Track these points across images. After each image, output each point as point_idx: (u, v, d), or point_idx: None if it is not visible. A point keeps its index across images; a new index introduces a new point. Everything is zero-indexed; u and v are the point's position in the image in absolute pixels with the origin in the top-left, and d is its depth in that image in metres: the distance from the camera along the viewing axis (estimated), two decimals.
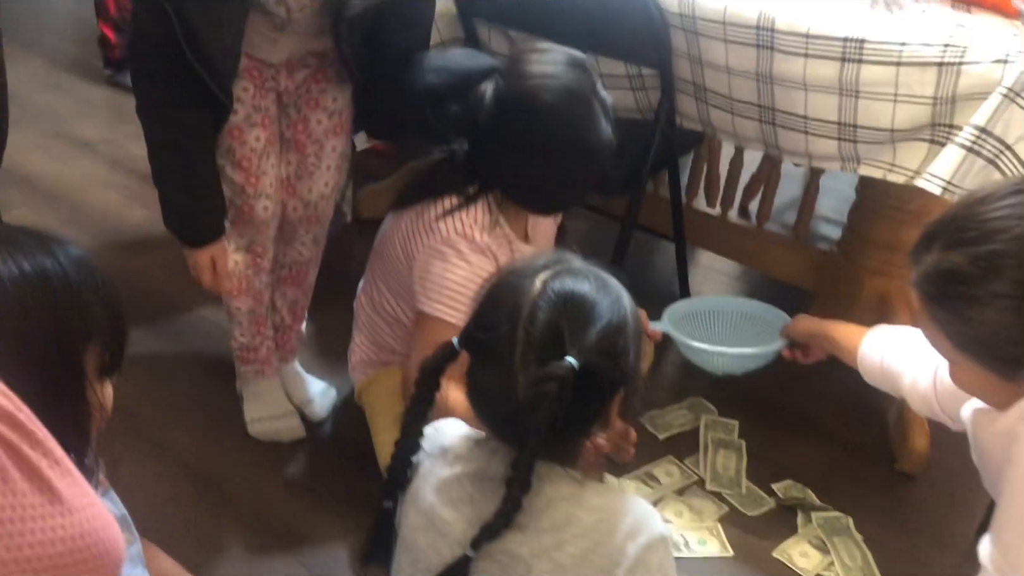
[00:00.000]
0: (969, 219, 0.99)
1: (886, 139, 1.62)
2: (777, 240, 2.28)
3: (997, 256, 0.96)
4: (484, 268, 1.50)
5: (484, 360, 1.01)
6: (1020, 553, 0.99)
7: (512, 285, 1.01)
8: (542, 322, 0.96)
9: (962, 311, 1.00)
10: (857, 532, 1.72)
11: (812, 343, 1.59)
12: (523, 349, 0.96)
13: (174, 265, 2.20)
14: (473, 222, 1.51)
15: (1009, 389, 1.02)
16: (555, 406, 0.93)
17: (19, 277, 0.89)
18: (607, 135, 1.47)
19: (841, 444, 1.93)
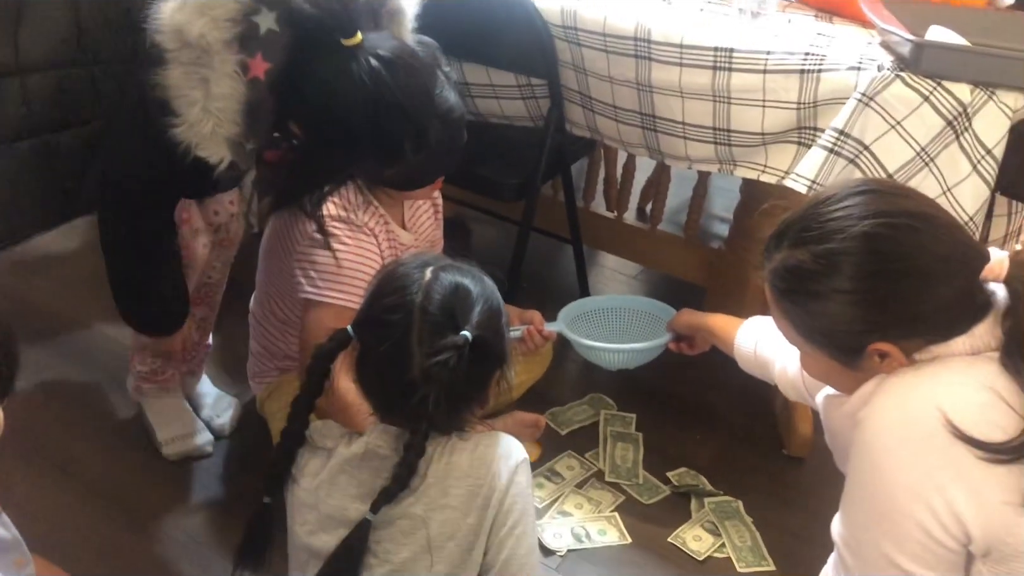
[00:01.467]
0: (813, 219, 1.06)
1: (758, 142, 1.72)
2: (670, 240, 2.38)
3: (835, 254, 1.03)
4: (364, 247, 1.56)
5: (379, 342, 1.11)
6: (862, 531, 1.07)
7: (403, 275, 1.14)
8: (436, 303, 1.11)
9: (806, 304, 1.08)
10: (747, 515, 1.81)
11: (695, 335, 1.67)
12: (420, 327, 1.10)
13: (72, 283, 2.19)
14: (347, 203, 1.56)
15: (851, 375, 1.10)
16: (452, 375, 1.07)
17: None
18: (454, 101, 1.53)
19: (732, 432, 2.03)
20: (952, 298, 1.04)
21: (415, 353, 1.09)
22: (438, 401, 1.08)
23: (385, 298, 1.14)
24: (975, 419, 0.99)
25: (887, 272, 1.03)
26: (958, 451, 0.98)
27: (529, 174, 2.02)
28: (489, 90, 2.02)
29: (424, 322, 1.10)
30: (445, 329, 1.10)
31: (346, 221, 1.54)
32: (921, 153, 1.54)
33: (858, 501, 1.08)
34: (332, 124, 1.30)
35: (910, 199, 1.08)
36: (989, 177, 1.55)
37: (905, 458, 1.01)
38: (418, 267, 1.15)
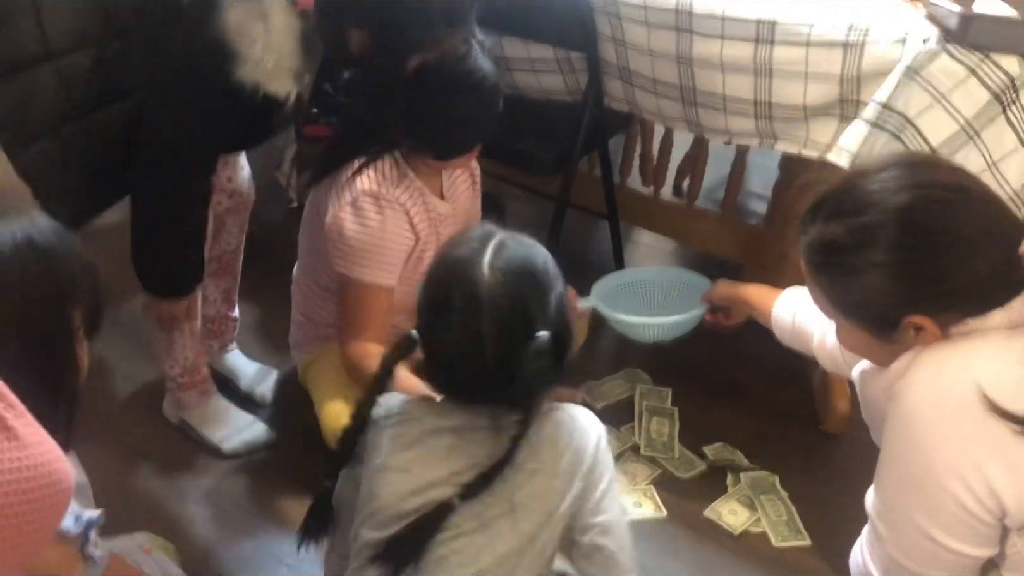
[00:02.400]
0: (848, 192, 1.06)
1: (799, 116, 1.70)
2: (707, 216, 2.37)
3: (870, 227, 1.03)
4: (395, 222, 1.57)
5: (447, 347, 1.09)
6: (896, 503, 1.08)
7: (460, 277, 1.07)
8: (507, 307, 1.05)
9: (841, 278, 1.07)
10: (783, 489, 1.82)
11: (732, 307, 1.67)
12: (494, 334, 1.05)
13: (116, 255, 2.22)
14: (381, 177, 1.57)
15: (887, 349, 1.10)
16: (534, 375, 1.05)
17: (11, 246, 0.95)
18: (488, 68, 1.53)
19: (768, 407, 2.02)
20: (989, 271, 1.03)
21: (489, 354, 1.06)
22: (536, 400, 1.08)
23: (449, 294, 1.08)
24: (1012, 393, 0.98)
25: (922, 245, 1.02)
26: (994, 425, 0.98)
27: (566, 149, 2.02)
28: (527, 64, 2.02)
29: (495, 318, 1.05)
30: (517, 323, 1.06)
31: (376, 195, 1.56)
32: (966, 127, 1.52)
33: (893, 473, 1.08)
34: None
35: (946, 171, 1.08)
36: None
37: (941, 431, 1.01)
38: (474, 262, 1.08)
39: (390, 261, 1.60)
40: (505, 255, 1.08)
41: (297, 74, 1.35)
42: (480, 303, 1.05)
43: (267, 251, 2.23)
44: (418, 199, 1.64)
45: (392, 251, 1.60)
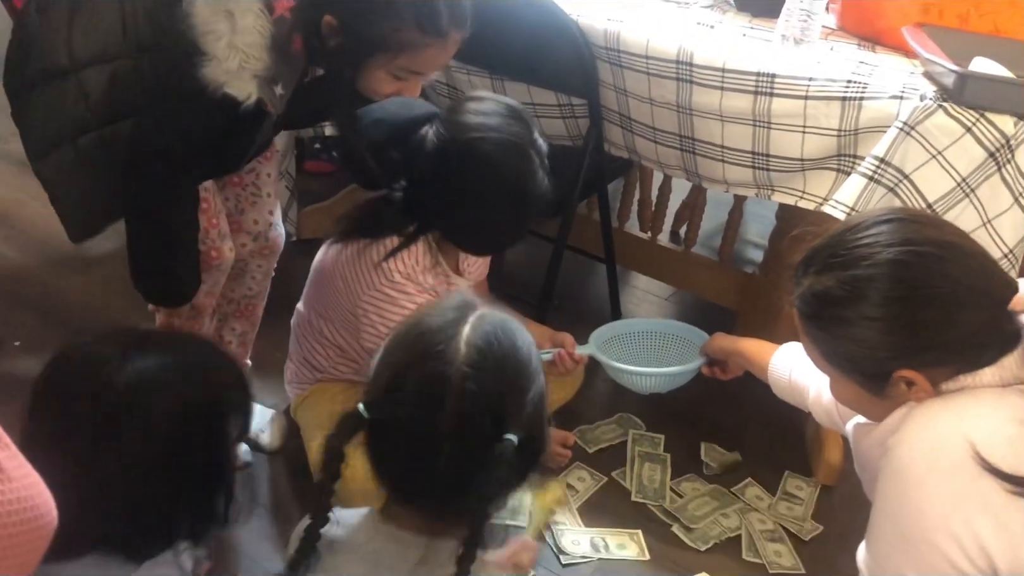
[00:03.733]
0: (840, 245, 1.08)
1: (796, 168, 1.72)
2: (703, 263, 2.38)
3: (861, 280, 1.04)
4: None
5: (400, 430, 0.93)
6: (887, 559, 1.07)
7: (429, 345, 0.92)
8: (476, 397, 0.90)
9: (832, 330, 1.09)
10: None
11: (729, 360, 1.67)
12: (455, 428, 0.90)
13: (113, 283, 2.23)
14: (415, 263, 1.57)
15: (879, 403, 1.10)
16: (498, 487, 0.90)
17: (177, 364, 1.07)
18: (543, 183, 1.54)
19: (761, 457, 2.01)
20: (979, 327, 1.04)
21: (445, 451, 0.90)
22: (485, 517, 0.92)
23: (404, 378, 0.93)
24: (1004, 452, 0.98)
25: (912, 299, 1.03)
26: (986, 483, 0.98)
27: (566, 192, 2.03)
28: (529, 108, 2.03)
29: (459, 417, 0.90)
30: (486, 418, 0.90)
31: (413, 280, 1.56)
32: (962, 184, 1.54)
33: (884, 529, 1.08)
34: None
35: (937, 228, 1.09)
36: None
37: (933, 488, 1.01)
38: (448, 333, 0.92)
39: None
40: (485, 333, 0.93)
41: (264, 79, 1.33)
42: (448, 384, 0.90)
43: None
44: (443, 281, 1.64)
45: None
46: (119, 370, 1.03)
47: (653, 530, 1.80)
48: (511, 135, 1.52)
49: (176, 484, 1.04)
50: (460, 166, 1.51)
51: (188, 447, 1.05)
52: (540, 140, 1.56)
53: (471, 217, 1.56)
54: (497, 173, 1.50)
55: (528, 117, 1.57)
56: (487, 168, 1.50)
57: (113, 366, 1.03)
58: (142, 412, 1.02)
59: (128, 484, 1.01)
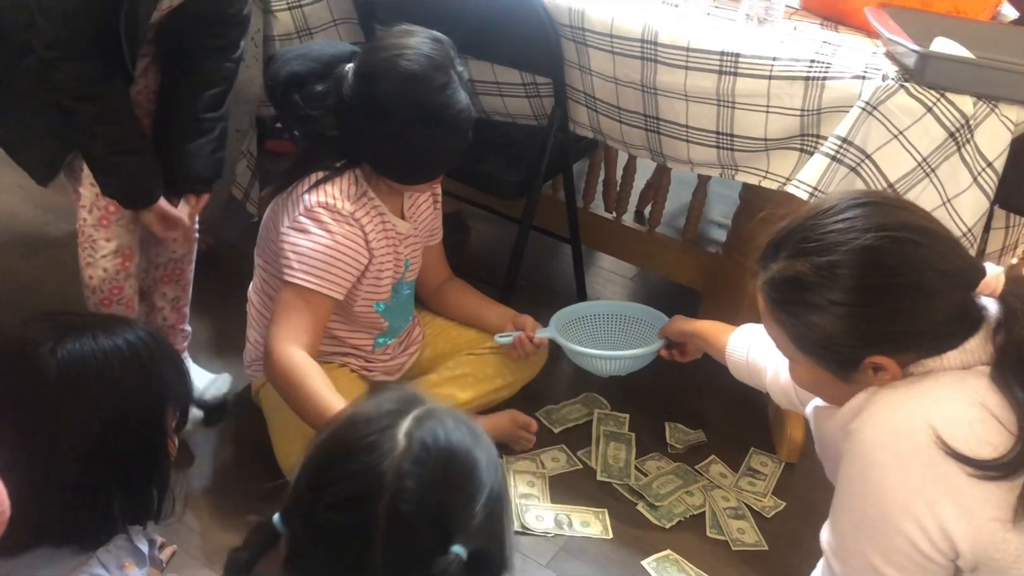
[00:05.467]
0: (812, 230, 1.07)
1: (760, 147, 1.73)
2: (667, 243, 2.38)
3: (836, 266, 1.03)
4: (347, 237, 1.56)
5: (324, 542, 0.77)
6: (850, 542, 1.08)
7: (360, 436, 0.78)
8: (416, 497, 0.75)
9: (803, 316, 1.08)
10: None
11: (687, 342, 1.68)
12: (389, 534, 0.75)
13: (66, 267, 2.18)
14: (337, 192, 1.57)
15: (843, 388, 1.11)
16: None
17: (116, 358, 1.06)
18: (465, 103, 1.54)
19: (725, 435, 2.03)
20: (948, 312, 1.05)
21: (377, 560, 0.75)
22: None
23: (333, 477, 0.77)
24: (966, 436, 0.99)
25: (888, 286, 1.03)
26: (949, 468, 0.99)
27: (531, 172, 2.03)
28: (494, 87, 2.03)
29: (396, 526, 0.74)
30: (428, 540, 0.75)
31: (332, 209, 1.55)
32: (923, 163, 1.55)
33: (847, 512, 1.09)
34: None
35: (910, 212, 1.10)
36: (989, 189, 1.56)
37: (896, 473, 1.02)
38: (386, 424, 0.78)
39: (340, 274, 1.58)
40: (430, 428, 0.79)
41: None
42: (381, 481, 0.75)
43: (225, 267, 2.21)
44: (376, 218, 1.63)
45: (343, 264, 1.58)
46: (51, 355, 1.01)
47: (618, 508, 1.81)
48: (428, 52, 1.52)
49: (109, 474, 1.03)
50: (378, 86, 1.51)
51: (122, 437, 1.03)
52: (461, 66, 1.57)
53: (393, 140, 1.55)
54: (414, 88, 1.50)
55: (449, 43, 1.57)
56: (404, 84, 1.50)
57: (45, 351, 1.01)
58: (75, 400, 1.00)
59: (60, 473, 1.00)
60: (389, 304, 1.73)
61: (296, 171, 1.62)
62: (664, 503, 1.82)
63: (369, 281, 1.67)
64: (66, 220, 1.68)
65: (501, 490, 0.81)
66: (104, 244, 1.69)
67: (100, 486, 1.03)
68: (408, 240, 1.73)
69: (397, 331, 1.82)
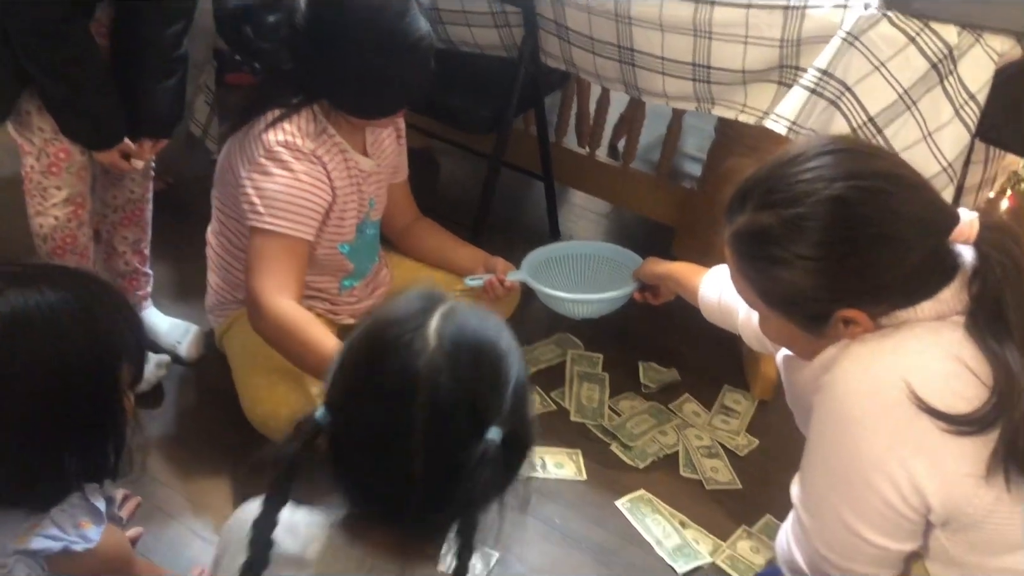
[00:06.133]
0: (779, 180, 1.02)
1: (738, 80, 1.67)
2: (641, 179, 2.33)
3: (803, 218, 0.98)
4: (311, 176, 1.51)
5: (364, 438, 0.82)
6: (821, 497, 1.07)
7: (394, 342, 0.82)
8: (451, 390, 0.80)
9: (769, 270, 1.03)
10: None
11: (660, 285, 1.64)
12: (428, 426, 0.79)
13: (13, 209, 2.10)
14: (296, 130, 1.51)
15: (813, 342, 1.07)
16: (484, 491, 0.80)
17: (61, 305, 0.99)
18: (425, 29, 1.47)
19: (700, 374, 2.02)
20: (921, 262, 1.01)
21: (418, 448, 0.80)
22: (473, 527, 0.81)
23: (368, 375, 0.83)
24: (940, 390, 0.97)
25: (858, 238, 0.99)
26: (922, 423, 0.96)
27: (501, 106, 1.96)
28: (461, 17, 1.94)
29: (435, 402, 0.79)
30: (462, 414, 0.80)
31: (292, 147, 1.49)
32: (904, 96, 1.51)
33: (818, 467, 1.07)
34: None
35: (881, 159, 1.05)
36: (971, 123, 1.52)
37: (868, 429, 1.00)
38: (417, 323, 0.83)
39: (308, 214, 1.53)
40: (456, 323, 0.83)
41: None
42: (418, 377, 0.79)
43: (185, 206, 2.13)
44: (337, 155, 1.57)
45: (310, 203, 1.52)
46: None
47: (592, 449, 1.80)
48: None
49: (61, 433, 0.99)
50: (332, 14, 1.44)
51: (72, 394, 0.98)
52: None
53: (350, 71, 1.48)
54: (370, 15, 1.44)
55: None
56: (359, 11, 1.44)
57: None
58: (19, 356, 0.95)
59: (6, 433, 0.96)
60: (354, 245, 1.68)
61: (252, 109, 1.54)
62: (638, 443, 1.81)
63: (333, 222, 1.61)
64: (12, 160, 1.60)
65: (525, 375, 0.85)
66: (55, 192, 1.63)
67: (50, 445, 0.99)
68: (372, 178, 1.66)
69: (363, 273, 1.77)
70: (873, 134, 1.53)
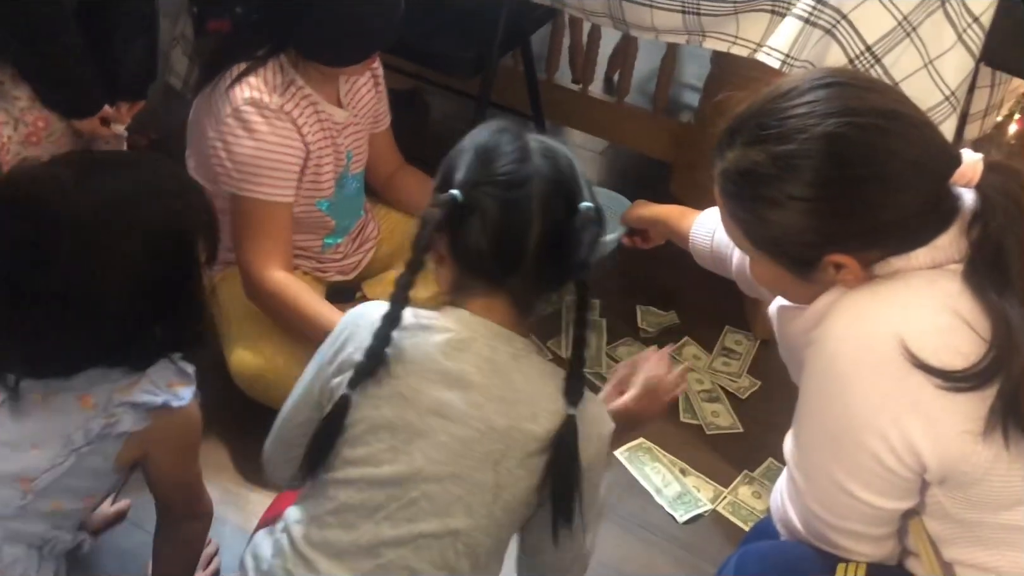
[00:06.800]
0: (771, 115, 0.96)
1: (729, 11, 1.58)
2: (637, 114, 2.26)
3: (794, 156, 0.93)
4: (280, 135, 1.47)
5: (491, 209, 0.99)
6: (814, 456, 1.03)
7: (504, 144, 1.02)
8: (551, 176, 1.00)
9: (759, 210, 0.98)
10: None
11: (650, 229, 1.59)
12: (542, 198, 0.99)
13: None
14: (263, 84, 1.46)
15: (804, 287, 1.02)
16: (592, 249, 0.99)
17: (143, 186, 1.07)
18: None
19: (699, 314, 1.98)
20: (918, 206, 0.95)
21: (533, 224, 0.98)
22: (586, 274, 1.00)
23: (493, 164, 1.01)
24: (935, 345, 0.92)
25: (850, 178, 0.93)
26: (916, 380, 0.92)
27: (485, 47, 1.88)
28: None
29: (546, 192, 0.99)
30: (563, 201, 1.01)
31: (259, 105, 1.44)
32: (903, 22, 1.43)
33: (809, 426, 1.03)
34: None
35: (880, 94, 0.98)
36: (975, 47, 1.45)
37: (859, 386, 0.95)
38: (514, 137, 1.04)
39: (284, 176, 1.49)
40: (541, 139, 1.06)
41: None
42: (529, 172, 1.00)
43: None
44: (307, 108, 1.51)
45: (284, 164, 1.48)
46: (82, 192, 1.03)
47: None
48: None
49: (150, 302, 1.07)
50: None
51: (158, 266, 1.06)
52: None
53: (318, 15, 1.43)
54: None
55: None
56: None
57: (75, 188, 1.03)
58: (114, 233, 1.03)
59: (107, 302, 1.04)
60: (333, 201, 1.63)
61: (218, 63, 1.48)
62: None
63: (308, 178, 1.56)
64: None
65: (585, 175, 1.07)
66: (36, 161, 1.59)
67: (143, 313, 1.07)
68: (348, 129, 1.61)
69: (347, 229, 1.72)
70: (871, 64, 1.45)
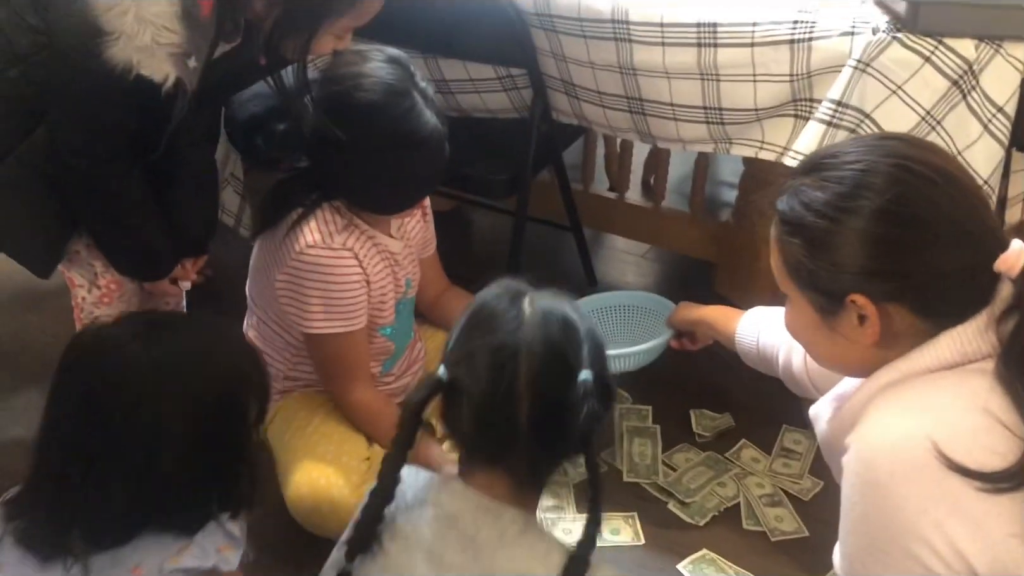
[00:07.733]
0: (831, 156, 1.02)
1: (752, 118, 1.62)
2: (675, 216, 2.28)
3: (842, 183, 0.98)
4: (346, 268, 1.52)
5: (475, 389, 1.00)
6: (862, 566, 1.01)
7: (502, 311, 1.02)
8: (544, 343, 0.99)
9: (806, 234, 1.00)
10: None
11: (696, 330, 1.59)
12: (530, 375, 0.98)
13: (65, 317, 2.15)
14: (325, 226, 1.51)
15: (830, 340, 1.04)
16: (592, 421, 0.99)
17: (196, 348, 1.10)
18: (433, 124, 1.47)
19: (753, 411, 1.94)
20: (954, 269, 0.95)
21: (522, 402, 0.98)
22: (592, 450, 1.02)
23: (483, 337, 1.02)
24: (969, 447, 0.91)
25: (890, 213, 0.96)
26: (954, 483, 0.90)
27: (519, 168, 1.94)
28: (469, 85, 1.93)
29: (531, 368, 0.98)
30: (559, 371, 0.99)
31: (320, 246, 1.50)
32: (927, 117, 1.44)
33: (853, 536, 1.01)
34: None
35: (938, 155, 1.02)
36: (1002, 135, 1.45)
37: (897, 493, 0.94)
38: (512, 300, 1.04)
39: (354, 307, 1.55)
40: (541, 302, 1.04)
41: (179, 55, 1.26)
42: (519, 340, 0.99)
43: (228, 297, 2.15)
44: (366, 242, 1.57)
45: (351, 298, 1.54)
46: (144, 352, 1.06)
47: (648, 510, 1.74)
48: (386, 77, 1.45)
49: (203, 464, 1.09)
50: (341, 119, 1.44)
51: (211, 428, 1.08)
52: (424, 82, 1.49)
53: (365, 172, 1.49)
54: (378, 118, 1.44)
55: (407, 61, 1.49)
56: (367, 114, 1.43)
57: (138, 348, 1.06)
58: (168, 397, 1.05)
59: (159, 463, 1.05)
60: (394, 327, 1.68)
61: (273, 211, 1.55)
62: (696, 498, 1.75)
63: (373, 306, 1.61)
64: (58, 273, 1.65)
65: (597, 332, 1.06)
66: (106, 319, 1.66)
67: (196, 475, 1.09)
68: (401, 256, 1.67)
69: (401, 351, 1.76)
70: None
